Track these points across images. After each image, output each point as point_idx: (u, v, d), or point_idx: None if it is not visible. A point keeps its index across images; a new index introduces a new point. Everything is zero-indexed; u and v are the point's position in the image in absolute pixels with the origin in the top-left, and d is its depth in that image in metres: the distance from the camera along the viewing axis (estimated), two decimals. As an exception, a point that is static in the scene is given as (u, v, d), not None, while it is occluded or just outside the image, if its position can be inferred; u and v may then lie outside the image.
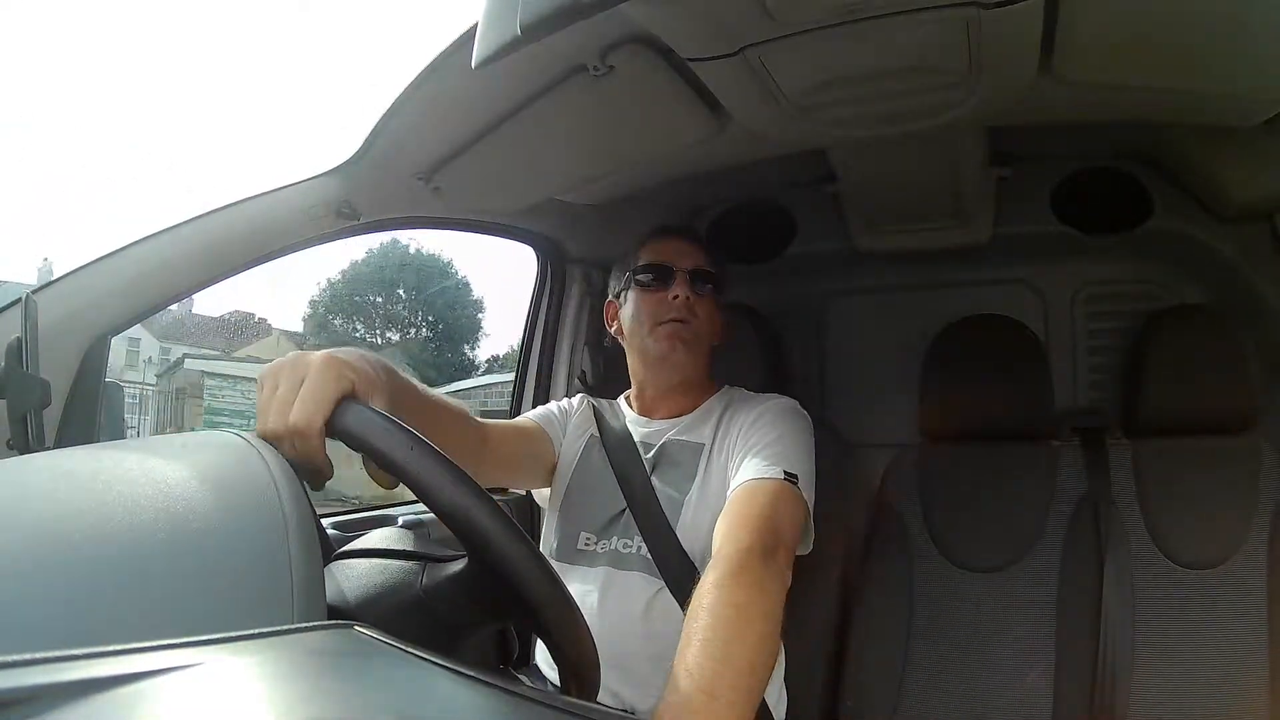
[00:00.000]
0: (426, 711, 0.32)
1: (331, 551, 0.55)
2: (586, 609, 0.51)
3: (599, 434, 1.00)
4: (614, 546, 0.92)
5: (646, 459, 0.96)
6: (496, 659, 0.66)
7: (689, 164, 1.10)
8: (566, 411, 1.05)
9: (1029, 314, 1.29)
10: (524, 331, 1.44)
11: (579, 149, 1.00)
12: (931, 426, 1.21)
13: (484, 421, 0.92)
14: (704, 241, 1.04)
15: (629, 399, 1.05)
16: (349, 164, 0.97)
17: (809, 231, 1.40)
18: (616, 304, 1.04)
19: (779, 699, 0.94)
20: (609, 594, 0.89)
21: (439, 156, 0.96)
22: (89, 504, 0.39)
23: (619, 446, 0.97)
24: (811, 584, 1.02)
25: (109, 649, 0.28)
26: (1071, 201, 1.27)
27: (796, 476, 0.84)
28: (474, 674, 0.35)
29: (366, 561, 0.53)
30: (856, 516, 1.18)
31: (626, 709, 0.85)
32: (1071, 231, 1.27)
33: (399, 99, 0.86)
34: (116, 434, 0.87)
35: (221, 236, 0.90)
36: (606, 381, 1.32)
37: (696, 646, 0.59)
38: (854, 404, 1.40)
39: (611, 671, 0.62)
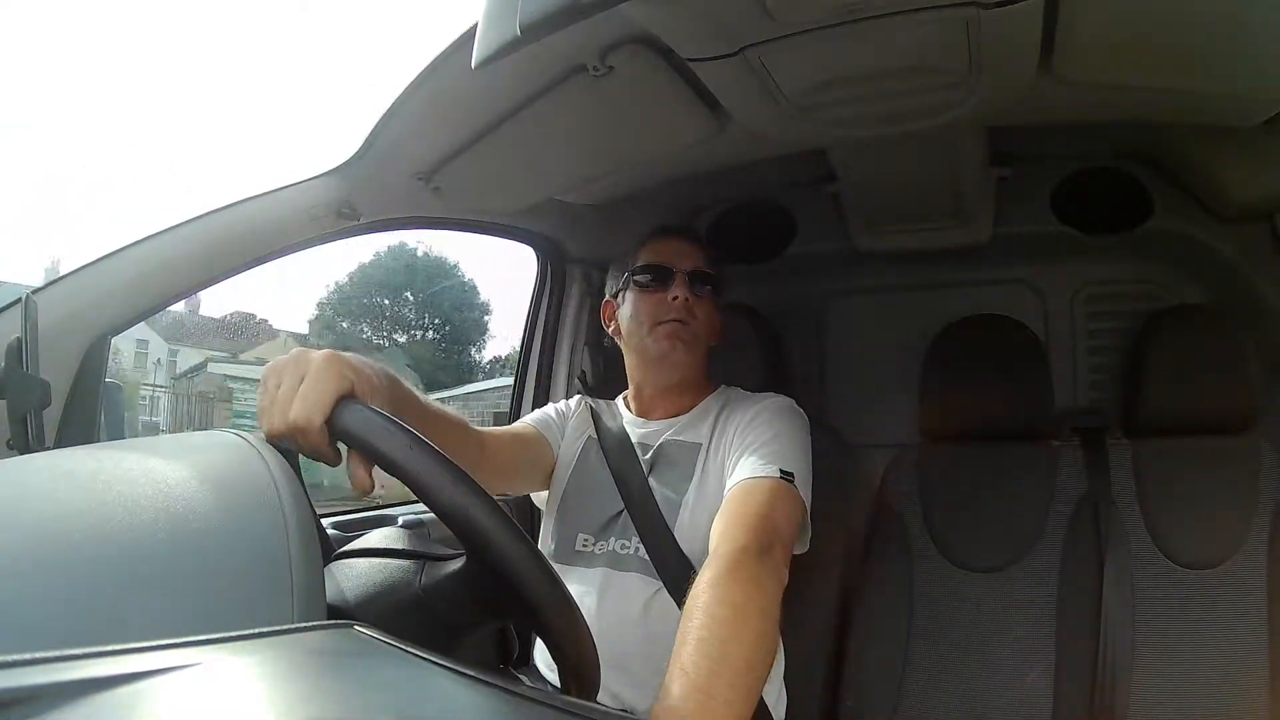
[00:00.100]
0: (426, 711, 0.32)
1: (331, 551, 0.56)
2: (585, 610, 0.51)
3: (596, 435, 1.00)
4: (612, 547, 0.91)
5: (644, 460, 0.96)
6: (496, 659, 0.66)
7: (689, 164, 1.10)
8: (564, 414, 1.05)
9: (1029, 314, 1.29)
10: (524, 332, 1.45)
11: (579, 149, 1.00)
12: (931, 426, 1.21)
13: (482, 430, 0.92)
14: (703, 242, 1.04)
15: (626, 400, 1.05)
16: (349, 164, 0.97)
17: (809, 231, 1.40)
18: (614, 304, 1.04)
19: (778, 699, 0.94)
20: (607, 595, 0.89)
21: (439, 156, 0.96)
22: (89, 504, 0.39)
23: (616, 447, 0.97)
24: (811, 584, 1.02)
25: (109, 649, 0.28)
26: (1071, 201, 1.27)
27: (793, 475, 0.84)
28: (474, 674, 0.35)
29: (366, 561, 0.53)
30: (856, 516, 1.18)
31: (626, 709, 0.85)
32: (1071, 231, 1.27)
33: (399, 99, 0.86)
34: (116, 434, 0.87)
35: (221, 236, 0.90)
36: (606, 382, 1.32)
37: (692, 645, 0.59)
38: (854, 404, 1.40)
39: (611, 672, 0.62)
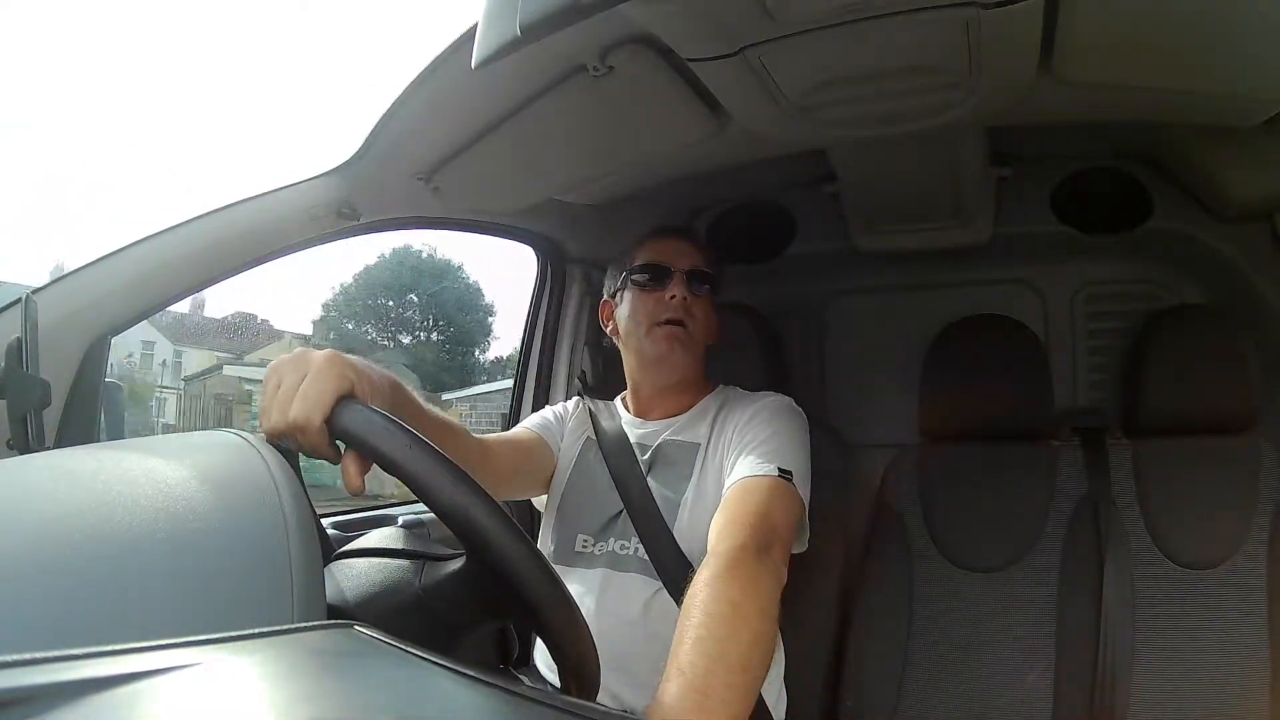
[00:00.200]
0: (426, 711, 0.32)
1: (331, 551, 0.56)
2: (585, 611, 0.51)
3: (595, 436, 1.00)
4: (611, 548, 0.91)
5: (643, 460, 0.96)
6: (496, 659, 0.66)
7: (689, 164, 1.10)
8: (562, 417, 1.05)
9: (1029, 314, 1.29)
10: (524, 332, 1.45)
11: (579, 149, 1.00)
12: (931, 426, 1.21)
13: (483, 437, 0.92)
14: (701, 242, 1.04)
15: (625, 400, 1.05)
16: (349, 164, 0.97)
17: (809, 231, 1.40)
18: (612, 304, 1.04)
19: (778, 699, 0.94)
20: (607, 595, 0.89)
21: (439, 156, 0.96)
22: (89, 504, 0.39)
23: (615, 448, 0.97)
24: (811, 584, 1.02)
25: (109, 649, 0.28)
26: (1071, 201, 1.27)
27: (791, 473, 0.83)
28: (474, 674, 0.35)
29: (366, 561, 0.53)
30: (856, 516, 1.18)
31: (626, 710, 0.85)
32: (1071, 231, 1.27)
33: (399, 99, 0.86)
34: (116, 434, 0.87)
35: (221, 236, 0.90)
36: (606, 382, 1.32)
37: (689, 644, 0.59)
38: (854, 404, 1.40)
39: (611, 673, 0.62)
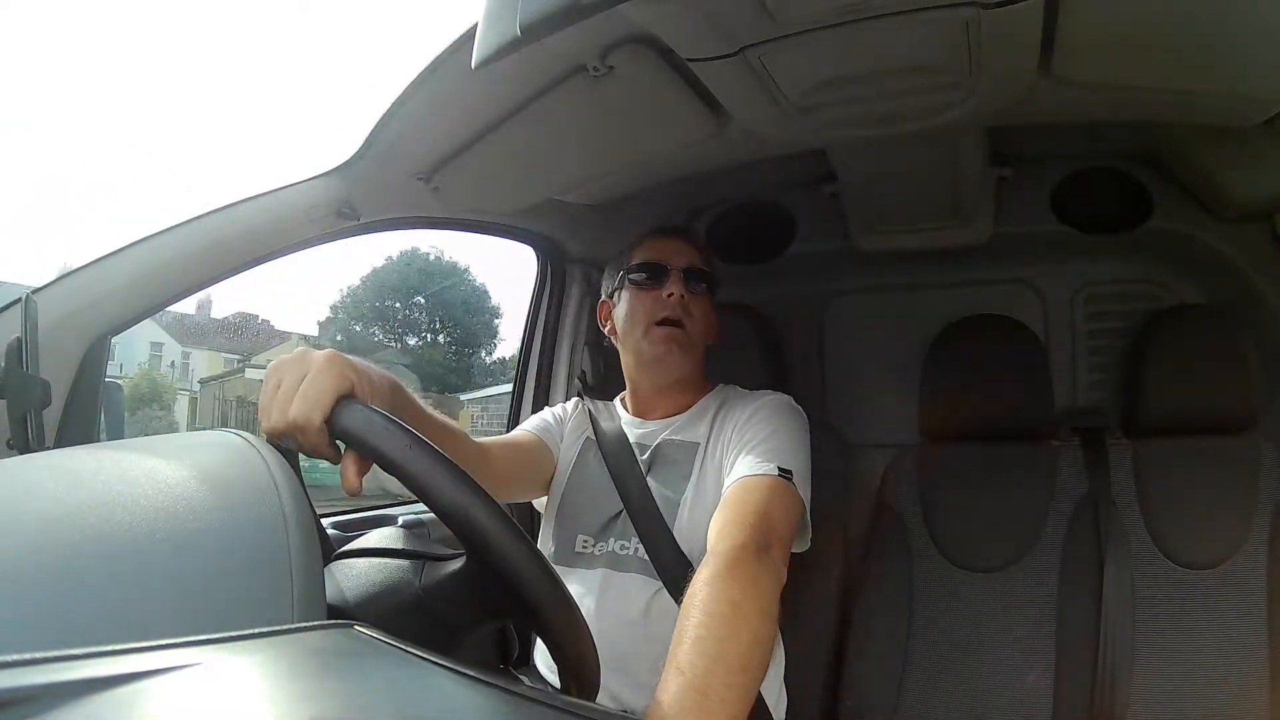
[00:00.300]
0: (426, 711, 0.32)
1: (331, 551, 0.56)
2: (585, 611, 0.51)
3: (594, 436, 1.00)
4: (611, 548, 0.91)
5: (642, 460, 0.95)
6: (496, 659, 0.66)
7: (689, 164, 1.10)
8: (561, 418, 1.05)
9: (1029, 314, 1.29)
10: (524, 331, 1.45)
11: (579, 149, 1.00)
12: (931, 426, 1.21)
13: (482, 440, 0.92)
14: (699, 241, 1.04)
15: (624, 400, 1.05)
16: (349, 164, 0.97)
17: (809, 231, 1.40)
18: (610, 304, 1.04)
19: (779, 698, 0.94)
20: (607, 596, 0.89)
21: (439, 156, 0.96)
22: (89, 504, 0.39)
23: (614, 448, 0.97)
24: (811, 584, 1.02)
25: (109, 649, 0.28)
26: (1071, 201, 1.27)
27: (791, 472, 0.83)
28: (474, 674, 0.35)
29: (366, 561, 0.53)
30: (856, 516, 1.18)
31: (626, 710, 0.85)
32: (1071, 231, 1.27)
33: (399, 99, 0.86)
34: (116, 434, 0.87)
35: (221, 236, 0.90)
36: (606, 382, 1.32)
37: (689, 644, 0.58)
38: (854, 404, 1.40)
39: (611, 673, 0.62)
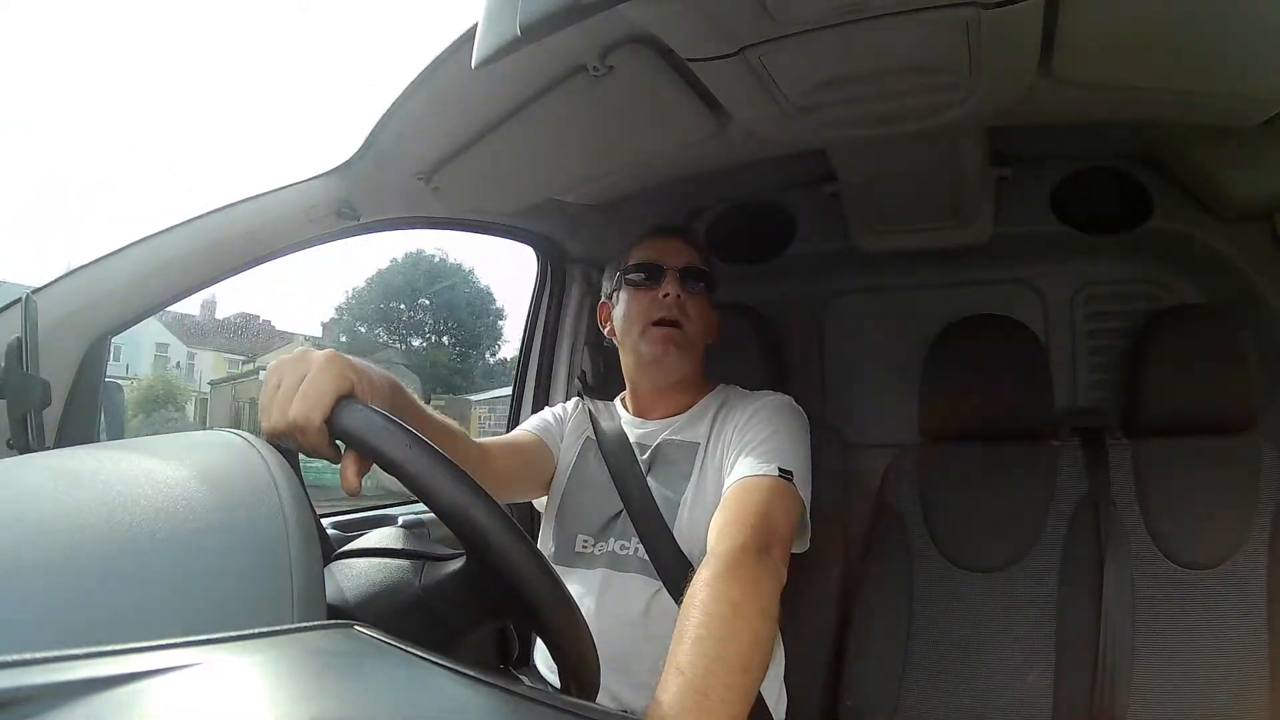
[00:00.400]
0: (426, 711, 0.32)
1: (331, 551, 0.56)
2: (585, 611, 0.51)
3: (594, 436, 1.00)
4: (611, 548, 0.91)
5: (642, 460, 0.95)
6: (496, 659, 0.66)
7: (689, 164, 1.10)
8: (562, 418, 1.05)
9: (1029, 314, 1.29)
10: (524, 331, 1.45)
11: (579, 149, 1.00)
12: (931, 426, 1.21)
13: (483, 440, 0.92)
14: (697, 241, 1.04)
15: (624, 400, 1.05)
16: (349, 164, 0.97)
17: (809, 231, 1.40)
18: (610, 304, 1.04)
19: (779, 699, 0.94)
20: (607, 596, 0.89)
21: (439, 156, 0.96)
22: (89, 504, 0.39)
23: (614, 448, 0.97)
24: (811, 584, 1.02)
25: (109, 649, 0.28)
26: (1071, 201, 1.27)
27: (791, 473, 0.83)
28: (474, 674, 0.35)
29: (366, 561, 0.53)
30: (856, 516, 1.18)
31: (626, 710, 0.85)
32: (1071, 231, 1.27)
33: (399, 99, 0.86)
34: (116, 434, 0.87)
35: (221, 236, 0.90)
36: (606, 382, 1.32)
37: (689, 644, 0.58)
38: (854, 404, 1.40)
39: (610, 673, 0.62)
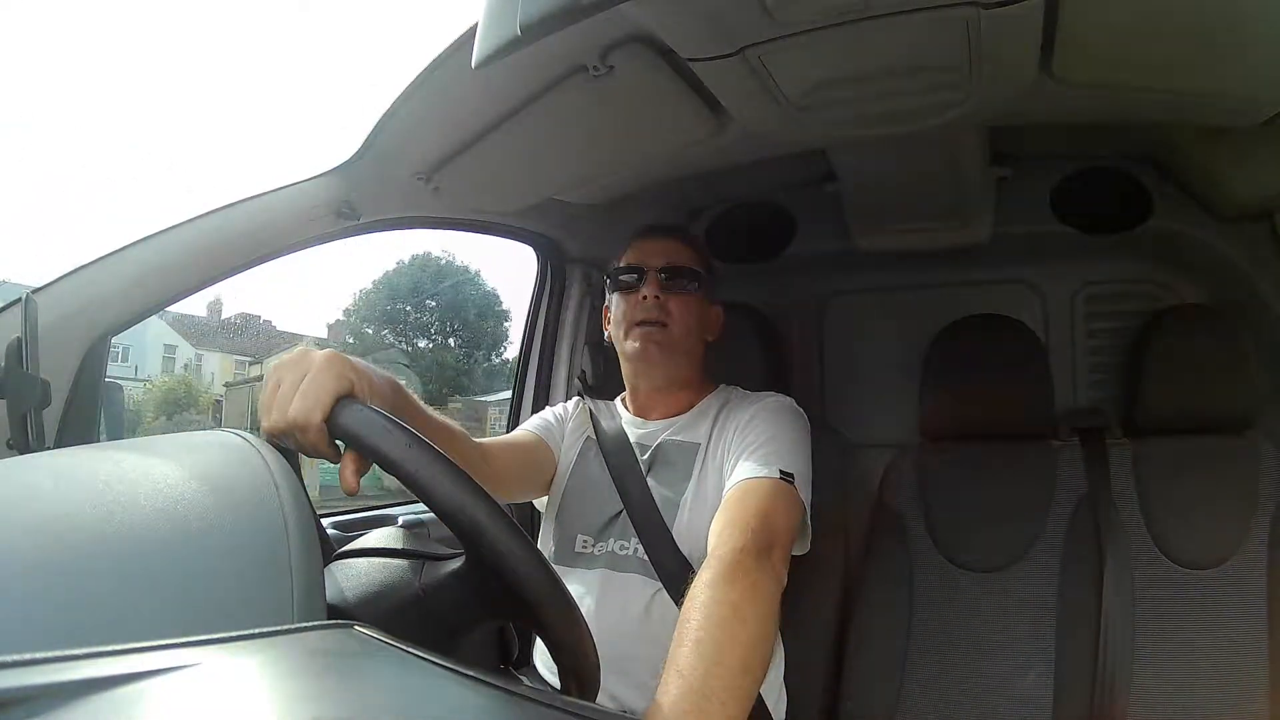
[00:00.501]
0: (426, 711, 0.32)
1: (332, 551, 0.56)
2: (585, 611, 0.51)
3: (595, 436, 1.00)
4: (611, 548, 0.91)
5: (642, 460, 0.95)
6: (496, 659, 0.66)
7: (689, 164, 1.10)
8: (562, 418, 1.05)
9: (1029, 314, 1.29)
10: (524, 331, 1.45)
11: (579, 149, 1.00)
12: (931, 426, 1.21)
13: (483, 441, 0.92)
14: (685, 238, 1.03)
15: (624, 400, 1.05)
16: (349, 164, 0.97)
17: (809, 231, 1.40)
18: (608, 308, 1.04)
19: (778, 699, 0.94)
20: (607, 596, 0.89)
21: (439, 156, 0.96)
22: (89, 504, 0.39)
23: (615, 448, 0.97)
24: (811, 584, 1.02)
25: (109, 649, 0.28)
26: (1071, 201, 1.27)
27: (792, 475, 0.83)
28: (474, 674, 0.35)
29: (366, 561, 0.53)
30: (856, 516, 1.18)
31: (626, 711, 0.85)
32: (1071, 231, 1.27)
33: (399, 99, 0.86)
34: (116, 434, 0.87)
35: (221, 236, 0.90)
36: (606, 382, 1.32)
37: (689, 647, 0.59)
38: (854, 404, 1.40)
39: (610, 674, 0.61)
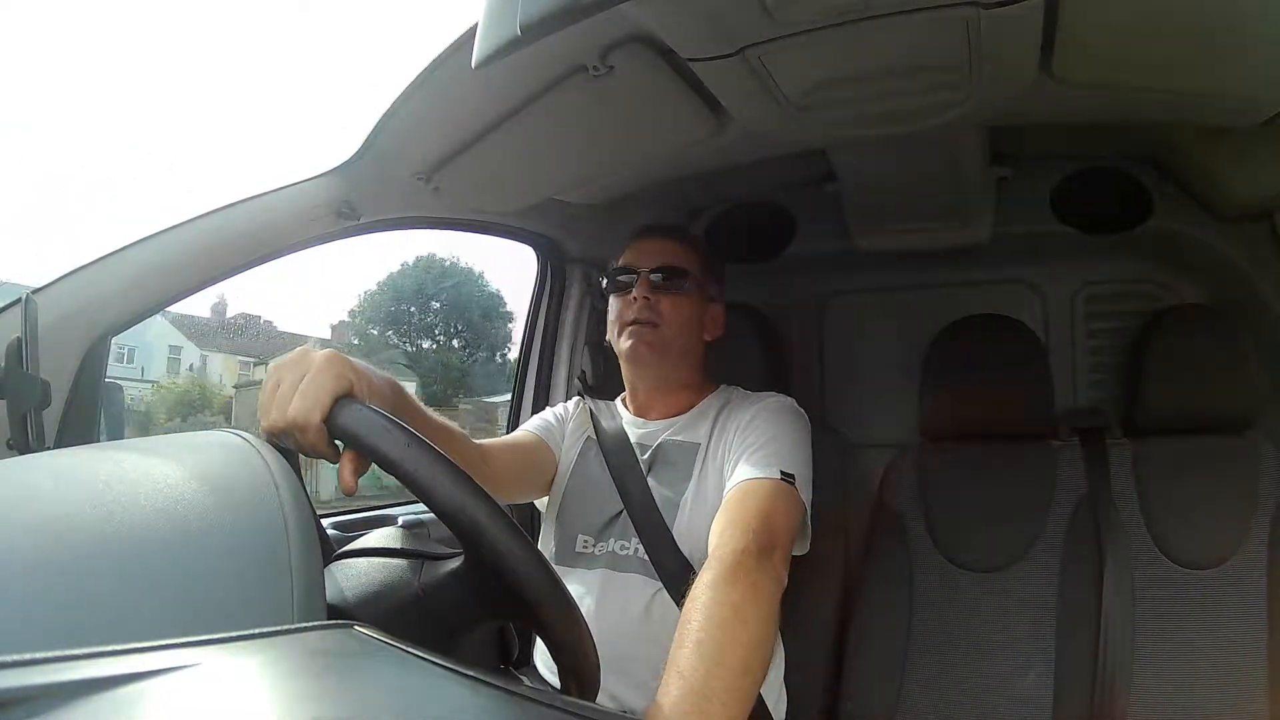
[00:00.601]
0: (426, 711, 0.32)
1: (332, 551, 0.56)
2: (585, 611, 0.51)
3: (595, 436, 1.00)
4: (611, 548, 0.91)
5: (643, 460, 0.95)
6: (496, 659, 0.66)
7: (689, 164, 1.10)
8: (563, 418, 1.05)
9: (1029, 314, 1.29)
10: (524, 332, 1.45)
11: (579, 149, 1.00)
12: (931, 426, 1.21)
13: (483, 441, 0.92)
14: (681, 238, 1.03)
15: (625, 400, 1.05)
16: (349, 164, 0.97)
17: (809, 231, 1.40)
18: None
19: (779, 699, 0.94)
20: (607, 596, 0.89)
21: (439, 156, 0.96)
22: (89, 504, 0.39)
23: (615, 448, 0.97)
24: (811, 584, 1.02)
25: (109, 649, 0.28)
26: (1071, 201, 1.27)
27: (793, 476, 0.83)
28: (474, 674, 0.35)
29: (366, 561, 0.53)
30: (856, 516, 1.18)
31: (626, 711, 0.85)
32: (1071, 231, 1.27)
33: (399, 99, 0.86)
34: (116, 434, 0.87)
35: (221, 236, 0.90)
36: (607, 382, 1.32)
37: (690, 648, 0.59)
38: (854, 404, 1.40)
39: (610, 674, 0.62)
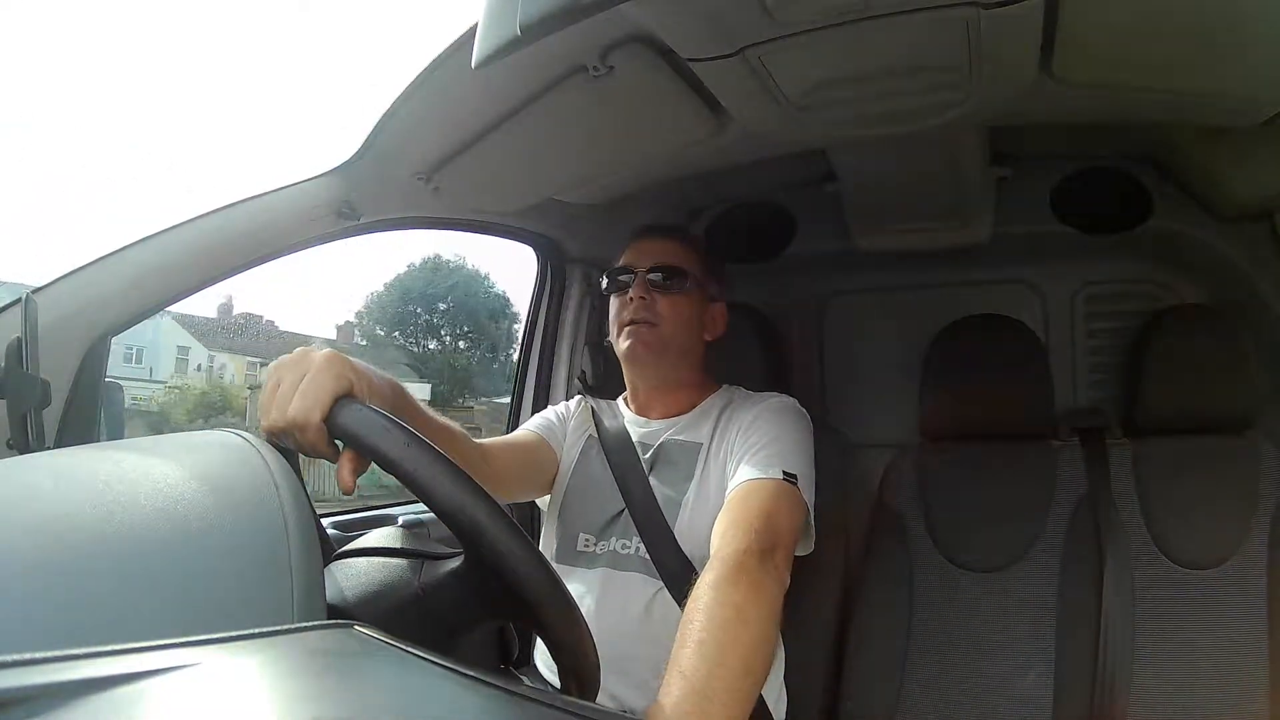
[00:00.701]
0: (426, 711, 0.32)
1: (332, 551, 0.56)
2: (585, 611, 0.51)
3: (597, 435, 1.00)
4: (612, 547, 0.91)
5: (644, 459, 0.95)
6: (496, 659, 0.66)
7: (689, 164, 1.10)
8: (564, 417, 1.05)
9: (1029, 314, 1.29)
10: (524, 331, 1.45)
11: (579, 149, 1.00)
12: (931, 426, 1.21)
13: (483, 441, 0.92)
14: (680, 237, 1.03)
15: (626, 400, 1.05)
16: (349, 164, 0.97)
17: (809, 231, 1.40)
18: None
19: (779, 699, 0.94)
20: (608, 595, 0.89)
21: (439, 156, 0.96)
22: (89, 504, 0.39)
23: (617, 447, 0.97)
24: (811, 584, 1.02)
25: (109, 649, 0.28)
26: (1071, 201, 1.27)
27: (795, 476, 0.83)
28: (474, 674, 0.35)
29: (366, 561, 0.53)
30: (856, 516, 1.18)
31: (626, 711, 0.85)
32: (1071, 231, 1.27)
33: (399, 99, 0.86)
34: (116, 434, 0.87)
35: (222, 236, 0.90)
36: (607, 381, 1.32)
37: (691, 648, 0.59)
38: (854, 404, 1.40)
39: (610, 674, 0.62)
